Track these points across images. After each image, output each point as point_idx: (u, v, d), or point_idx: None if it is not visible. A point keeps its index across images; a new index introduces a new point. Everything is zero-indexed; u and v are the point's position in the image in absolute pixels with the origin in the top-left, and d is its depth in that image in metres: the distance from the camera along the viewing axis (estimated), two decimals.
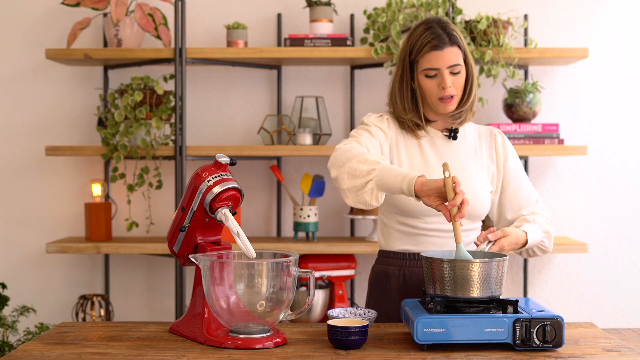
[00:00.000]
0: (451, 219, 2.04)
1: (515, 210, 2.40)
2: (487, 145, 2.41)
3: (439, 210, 2.07)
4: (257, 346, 1.96)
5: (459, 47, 2.29)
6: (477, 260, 1.97)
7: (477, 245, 2.17)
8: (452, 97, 2.29)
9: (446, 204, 2.05)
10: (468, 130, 2.42)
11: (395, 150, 2.36)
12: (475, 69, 2.35)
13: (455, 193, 2.01)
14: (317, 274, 3.37)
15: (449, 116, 2.36)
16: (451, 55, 2.27)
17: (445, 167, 2.03)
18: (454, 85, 2.29)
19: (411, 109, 2.35)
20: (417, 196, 2.06)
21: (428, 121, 2.38)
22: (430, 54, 2.27)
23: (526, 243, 2.27)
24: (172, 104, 3.44)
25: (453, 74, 2.29)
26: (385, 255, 2.43)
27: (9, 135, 3.67)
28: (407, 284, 2.36)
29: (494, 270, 1.98)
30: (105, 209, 3.48)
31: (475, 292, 1.96)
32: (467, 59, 2.32)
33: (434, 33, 2.27)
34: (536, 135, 3.43)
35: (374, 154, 2.17)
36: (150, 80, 3.39)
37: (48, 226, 3.68)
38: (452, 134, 2.37)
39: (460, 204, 2.02)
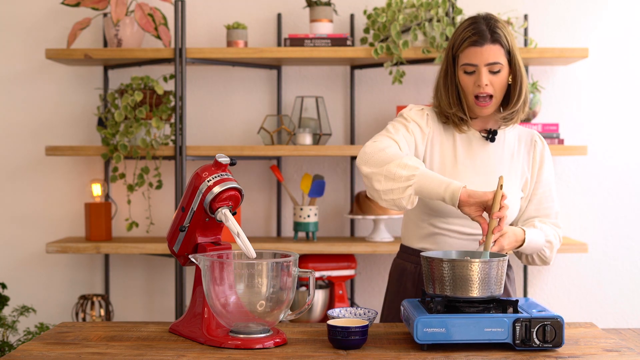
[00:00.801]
0: (488, 231, 2.05)
1: (532, 219, 2.37)
2: (525, 151, 2.35)
3: (475, 221, 2.09)
4: (257, 346, 1.96)
5: (502, 45, 2.24)
6: (477, 260, 1.97)
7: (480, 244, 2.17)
8: (489, 97, 2.25)
9: (484, 214, 2.08)
10: (508, 133, 2.36)
11: (429, 147, 2.32)
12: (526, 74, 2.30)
13: (501, 207, 2.04)
14: (317, 274, 3.37)
15: (500, 118, 2.31)
16: (490, 53, 2.22)
17: (500, 180, 2.04)
18: (491, 85, 2.23)
19: (456, 103, 2.29)
20: (460, 206, 2.08)
21: (472, 117, 2.33)
22: (469, 49, 2.23)
23: (524, 241, 2.25)
24: (172, 104, 3.44)
25: (492, 72, 2.23)
26: (404, 251, 2.43)
27: (9, 135, 3.68)
28: (421, 281, 2.35)
29: (493, 270, 1.98)
30: (105, 209, 3.48)
31: (475, 292, 1.97)
32: (513, 59, 2.25)
33: (475, 29, 2.24)
34: None
35: (412, 158, 2.15)
36: (150, 80, 3.39)
37: (48, 226, 3.68)
38: (490, 135, 2.32)
39: (500, 219, 2.05)
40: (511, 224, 2.38)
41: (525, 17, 3.62)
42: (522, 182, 2.35)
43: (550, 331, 1.91)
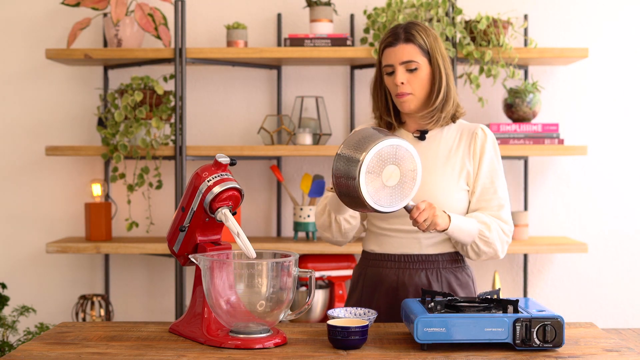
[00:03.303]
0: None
1: (473, 211, 2.38)
2: (466, 144, 2.38)
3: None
4: (257, 346, 1.96)
5: (418, 45, 2.31)
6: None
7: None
8: (407, 94, 2.31)
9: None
10: (447, 130, 2.40)
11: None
12: (450, 70, 2.36)
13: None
14: (317, 274, 3.37)
15: (419, 117, 2.38)
16: (404, 52, 2.30)
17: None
18: (409, 83, 2.31)
19: (384, 108, 2.40)
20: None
21: (401, 123, 2.42)
22: (386, 51, 2.33)
23: (449, 223, 2.25)
24: (172, 104, 3.44)
25: (409, 70, 2.31)
26: (363, 256, 2.53)
27: (9, 135, 3.68)
28: (365, 283, 2.43)
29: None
30: (105, 209, 3.48)
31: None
32: (433, 59, 2.32)
33: (392, 32, 2.34)
34: (536, 135, 3.43)
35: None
36: (150, 80, 3.39)
37: (48, 226, 3.68)
38: (421, 134, 2.38)
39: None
40: None
41: (525, 17, 3.62)
42: (465, 176, 2.36)
43: (551, 331, 1.92)
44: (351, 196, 2.09)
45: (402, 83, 2.30)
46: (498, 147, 2.40)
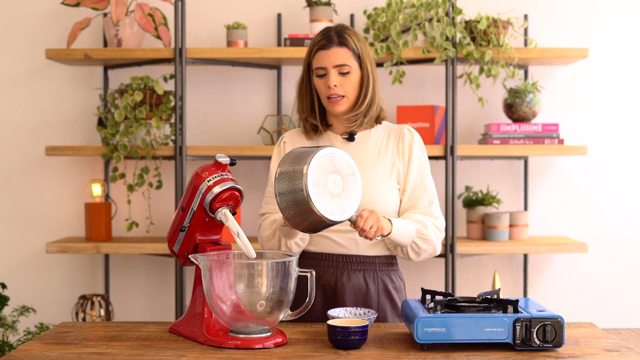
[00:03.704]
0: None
1: (405, 210, 2.41)
2: (394, 144, 2.43)
3: None
4: (257, 346, 1.96)
5: (349, 49, 2.36)
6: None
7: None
8: (340, 97, 2.36)
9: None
10: (375, 131, 2.45)
11: None
12: (375, 74, 2.42)
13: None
14: None
15: (344, 119, 2.41)
16: (338, 55, 2.34)
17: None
18: (341, 86, 2.35)
19: (309, 110, 2.43)
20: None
21: (328, 125, 2.45)
22: (319, 53, 2.36)
23: (391, 227, 2.26)
24: (172, 104, 3.44)
25: (341, 74, 2.35)
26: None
27: (9, 135, 3.68)
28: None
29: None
30: (105, 209, 3.48)
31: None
32: (363, 63, 2.38)
33: (325, 35, 2.37)
34: (536, 135, 3.43)
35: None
36: (150, 80, 3.39)
37: (48, 226, 3.68)
38: (350, 136, 2.41)
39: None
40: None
41: (525, 17, 3.62)
42: (395, 174, 2.41)
43: (551, 331, 1.92)
44: (305, 217, 2.05)
45: (336, 86, 2.35)
46: (424, 146, 2.47)
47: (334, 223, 2.07)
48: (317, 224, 2.07)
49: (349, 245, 2.39)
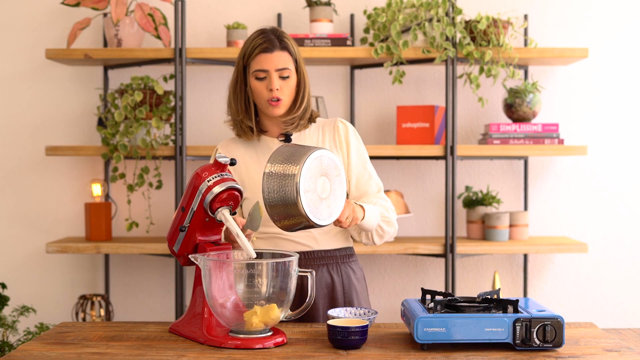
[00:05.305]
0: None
1: (356, 199, 2.46)
2: (330, 138, 2.46)
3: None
4: (257, 346, 1.96)
5: (290, 53, 2.38)
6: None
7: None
8: (279, 100, 2.37)
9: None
10: (310, 130, 2.48)
11: (239, 169, 2.44)
12: (308, 78, 2.46)
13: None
14: None
15: (282, 122, 2.42)
16: (280, 59, 2.36)
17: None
18: (281, 89, 2.37)
19: (244, 111, 2.42)
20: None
21: (262, 131, 2.46)
22: (260, 56, 2.36)
23: (364, 214, 2.29)
24: (172, 104, 3.44)
25: (282, 78, 2.37)
26: None
27: (9, 135, 3.68)
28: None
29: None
30: (105, 209, 3.48)
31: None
32: (299, 68, 2.40)
33: (265, 37, 2.37)
34: (536, 135, 3.43)
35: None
36: (150, 80, 3.39)
37: (48, 226, 3.68)
38: (286, 137, 2.42)
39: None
40: None
41: (525, 17, 3.62)
42: None
43: (551, 331, 1.92)
44: (291, 219, 2.06)
45: (278, 89, 2.35)
46: (359, 135, 2.50)
47: (320, 227, 2.09)
48: (298, 224, 2.08)
49: (308, 242, 2.41)
